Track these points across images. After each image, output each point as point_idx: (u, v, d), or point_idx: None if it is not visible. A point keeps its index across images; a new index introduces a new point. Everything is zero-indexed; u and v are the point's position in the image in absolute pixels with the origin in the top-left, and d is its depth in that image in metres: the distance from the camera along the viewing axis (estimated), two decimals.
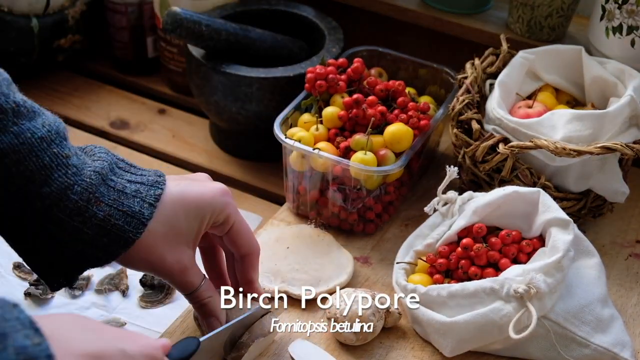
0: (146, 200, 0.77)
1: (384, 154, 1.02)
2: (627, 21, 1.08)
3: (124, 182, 0.77)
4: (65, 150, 0.75)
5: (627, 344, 0.89)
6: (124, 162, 0.80)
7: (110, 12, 1.35)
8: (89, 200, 0.74)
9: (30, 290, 0.99)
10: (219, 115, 1.19)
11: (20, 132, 0.72)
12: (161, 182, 0.79)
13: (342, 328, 0.89)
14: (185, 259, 0.80)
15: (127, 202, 0.76)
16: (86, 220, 0.74)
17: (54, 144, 0.74)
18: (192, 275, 0.81)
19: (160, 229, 0.78)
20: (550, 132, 1.00)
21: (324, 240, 1.03)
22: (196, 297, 0.82)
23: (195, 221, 0.80)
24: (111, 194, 0.76)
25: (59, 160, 0.74)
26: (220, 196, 0.81)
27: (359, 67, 1.10)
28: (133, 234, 0.76)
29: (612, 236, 1.09)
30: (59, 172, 0.73)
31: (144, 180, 0.79)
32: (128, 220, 0.76)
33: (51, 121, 0.75)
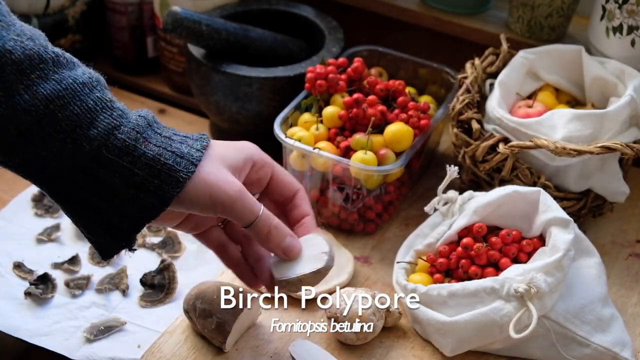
0: (194, 147, 0.77)
1: (384, 154, 1.02)
2: (627, 21, 1.08)
3: (169, 131, 0.78)
4: (108, 95, 0.75)
5: (627, 343, 0.89)
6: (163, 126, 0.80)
7: (110, 12, 1.35)
8: (137, 139, 0.74)
9: (30, 290, 0.99)
10: (219, 115, 1.18)
11: (62, 79, 0.72)
12: (205, 137, 0.80)
13: (342, 328, 0.89)
14: (240, 184, 0.78)
15: (175, 145, 0.76)
16: (136, 160, 0.74)
17: (95, 89, 0.74)
18: (252, 199, 0.79)
19: (211, 166, 0.77)
20: (550, 131, 1.00)
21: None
22: (260, 225, 0.79)
23: (241, 157, 0.80)
24: (158, 138, 0.76)
25: (103, 104, 0.74)
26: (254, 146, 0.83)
27: (359, 66, 1.10)
28: (184, 173, 0.75)
29: (612, 236, 1.09)
30: (104, 114, 0.74)
31: (188, 135, 0.79)
32: (178, 161, 0.75)
33: (91, 71, 0.76)
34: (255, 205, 0.79)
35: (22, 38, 0.72)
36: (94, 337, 0.94)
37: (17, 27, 0.73)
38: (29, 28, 0.74)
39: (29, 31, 0.73)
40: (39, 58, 0.71)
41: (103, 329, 0.95)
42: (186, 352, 0.90)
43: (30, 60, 0.71)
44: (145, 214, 0.75)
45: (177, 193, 0.75)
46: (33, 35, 0.73)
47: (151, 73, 1.40)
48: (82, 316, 0.97)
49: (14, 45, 0.70)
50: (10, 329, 0.95)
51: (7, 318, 0.96)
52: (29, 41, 0.72)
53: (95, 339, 0.94)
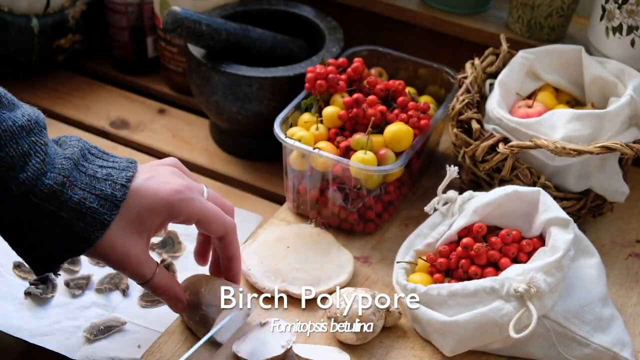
0: (118, 182, 0.80)
1: (384, 154, 1.02)
2: (627, 21, 1.08)
3: (95, 167, 0.80)
4: (44, 139, 0.78)
5: (627, 343, 0.89)
6: (96, 149, 0.83)
7: (110, 12, 1.35)
8: (63, 184, 0.77)
9: (30, 290, 0.99)
10: (219, 115, 1.18)
11: (2, 120, 0.75)
12: (132, 167, 0.82)
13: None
14: (137, 250, 0.82)
15: (99, 185, 0.79)
16: (62, 204, 0.77)
17: (32, 132, 0.77)
18: (143, 266, 0.83)
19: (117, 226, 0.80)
20: (550, 131, 1.00)
21: (324, 239, 1.03)
22: (152, 287, 0.85)
23: (153, 218, 0.82)
24: (83, 179, 0.79)
25: (37, 147, 0.77)
26: (175, 196, 0.83)
27: (359, 66, 1.10)
28: (108, 215, 0.78)
29: (612, 236, 1.09)
30: (36, 159, 0.76)
31: (115, 165, 0.82)
32: (102, 203, 0.78)
33: (30, 112, 0.78)
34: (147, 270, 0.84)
35: None
36: (94, 337, 0.95)
37: None
38: None
39: None
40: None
41: (103, 328, 0.95)
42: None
43: None
44: (68, 253, 0.79)
45: (101, 235, 0.79)
46: None
47: (151, 73, 1.40)
48: (82, 316, 0.97)
49: None
50: (10, 329, 0.95)
51: (7, 318, 0.96)
52: None
53: (95, 338, 0.95)
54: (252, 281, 0.97)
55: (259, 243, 1.02)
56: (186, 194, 0.83)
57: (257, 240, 1.02)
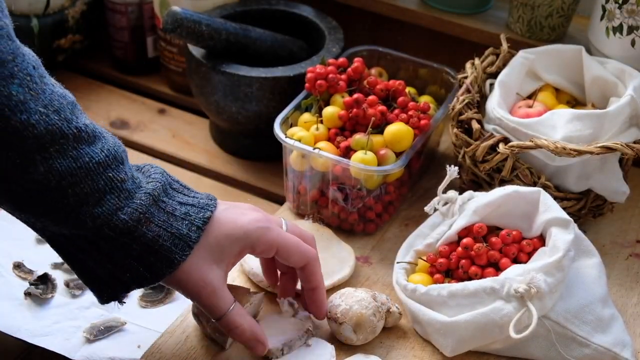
0: (194, 223, 0.80)
1: (384, 154, 1.02)
2: (627, 21, 1.08)
3: (175, 203, 0.80)
4: (121, 175, 0.77)
5: (627, 343, 0.89)
6: (178, 184, 0.83)
7: (110, 12, 1.35)
8: (139, 220, 0.77)
9: (30, 290, 0.99)
10: (219, 115, 1.18)
11: (79, 157, 0.74)
12: (211, 205, 0.82)
13: (343, 328, 0.89)
14: (215, 280, 0.81)
15: (176, 224, 0.79)
16: (135, 239, 0.77)
17: (109, 168, 0.76)
18: (220, 298, 0.82)
19: (199, 253, 0.80)
20: (550, 131, 1.00)
21: (324, 235, 1.03)
22: (225, 323, 0.83)
23: (231, 247, 0.82)
24: (161, 216, 0.79)
25: (113, 184, 0.76)
26: (253, 224, 0.83)
27: (359, 66, 1.10)
28: (179, 255, 0.78)
29: (612, 236, 1.09)
30: (111, 195, 0.76)
31: (195, 202, 0.81)
32: (175, 242, 0.78)
33: (110, 145, 0.77)
34: (223, 303, 0.82)
35: (48, 110, 0.73)
36: (94, 337, 0.94)
37: (46, 96, 0.74)
38: (58, 95, 0.75)
39: (57, 100, 0.74)
40: (61, 133, 0.73)
41: (103, 329, 0.95)
42: (186, 352, 0.90)
43: (51, 135, 0.73)
44: (137, 283, 0.80)
45: (169, 272, 0.79)
46: (60, 106, 0.74)
47: (151, 73, 1.40)
48: (82, 316, 0.97)
49: (38, 119, 0.72)
50: (10, 329, 0.95)
51: (7, 318, 0.96)
52: (55, 115, 0.73)
53: (95, 339, 0.94)
54: (257, 280, 0.97)
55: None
56: (265, 224, 0.84)
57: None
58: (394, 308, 0.92)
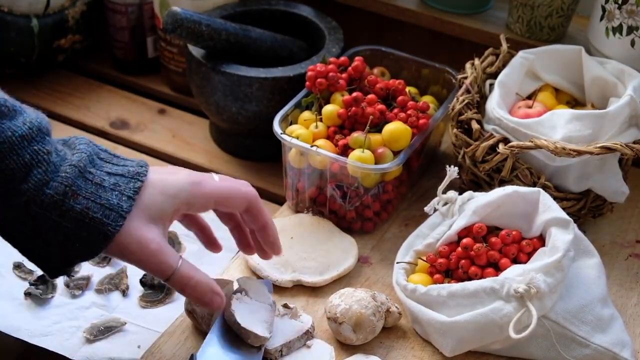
0: (124, 193, 0.77)
1: (382, 152, 1.02)
2: (627, 21, 1.08)
3: (103, 174, 0.78)
4: (47, 146, 0.75)
5: (627, 343, 0.89)
6: (106, 153, 0.80)
7: (110, 12, 1.35)
8: (65, 194, 0.74)
9: (30, 290, 0.99)
10: (219, 115, 1.19)
11: (1, 131, 0.73)
12: (142, 172, 0.79)
13: (342, 328, 0.89)
14: (157, 238, 0.79)
15: (105, 195, 0.76)
16: (64, 214, 0.75)
17: (34, 141, 0.74)
18: (166, 256, 0.79)
19: (136, 217, 0.78)
20: (550, 132, 1.00)
21: (325, 226, 1.04)
22: (176, 279, 0.80)
23: (166, 205, 0.80)
24: (89, 187, 0.76)
25: (39, 157, 0.74)
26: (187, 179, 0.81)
27: (360, 65, 1.10)
28: (112, 227, 0.76)
29: (612, 236, 1.09)
30: (38, 169, 0.74)
31: (125, 171, 0.79)
32: (106, 214, 0.76)
33: (32, 118, 0.75)
34: (169, 263, 0.79)
35: None
36: (94, 338, 0.95)
37: None
38: None
39: None
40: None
41: (103, 329, 0.95)
42: (186, 352, 0.90)
43: None
44: (73, 259, 0.78)
45: (105, 246, 0.76)
46: None
47: (151, 73, 1.40)
48: (82, 316, 0.97)
49: None
50: (10, 329, 0.95)
51: (7, 318, 0.96)
52: None
53: (95, 339, 0.95)
54: (264, 275, 0.97)
55: None
56: (197, 178, 0.82)
57: None
58: (394, 308, 0.92)
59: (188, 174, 0.83)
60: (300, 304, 0.96)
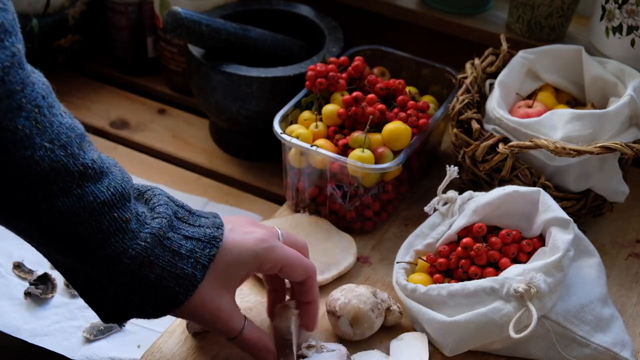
0: (200, 262, 0.77)
1: (382, 152, 1.02)
2: (627, 21, 1.08)
3: (181, 238, 0.77)
4: (127, 214, 0.74)
5: (627, 343, 0.89)
6: (183, 210, 0.80)
7: (110, 12, 1.35)
8: (142, 264, 0.74)
9: (30, 290, 0.99)
10: (219, 115, 1.19)
11: (83, 196, 0.71)
12: (218, 237, 0.79)
13: (340, 322, 0.89)
14: (227, 305, 0.80)
15: (180, 263, 0.76)
16: (138, 281, 0.75)
17: (114, 207, 0.73)
18: (234, 320, 0.81)
19: (208, 288, 0.78)
20: (550, 131, 1.00)
21: (322, 226, 1.04)
22: (240, 341, 0.82)
23: (237, 272, 0.81)
24: (166, 256, 0.76)
25: (117, 225, 0.73)
26: (260, 245, 0.81)
27: (360, 65, 1.10)
28: (183, 295, 0.77)
29: (612, 236, 1.08)
30: (115, 237, 0.73)
31: (201, 235, 0.78)
32: (180, 282, 0.76)
33: (118, 182, 0.74)
34: (237, 324, 0.81)
35: (54, 146, 0.69)
36: (94, 337, 0.95)
37: (53, 129, 0.69)
38: (66, 127, 0.71)
39: (64, 133, 0.70)
40: (65, 170, 0.69)
41: (103, 329, 0.95)
42: (186, 352, 0.90)
43: (55, 172, 0.69)
44: (138, 316, 0.78)
45: (172, 311, 0.78)
46: (67, 140, 0.70)
47: (151, 73, 1.40)
48: (81, 316, 0.97)
49: (42, 155, 0.68)
50: (10, 329, 0.95)
51: (7, 318, 0.96)
52: (60, 150, 0.69)
53: (95, 339, 0.95)
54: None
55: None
56: (270, 242, 0.82)
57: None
58: (395, 307, 0.92)
59: (260, 236, 0.82)
60: None
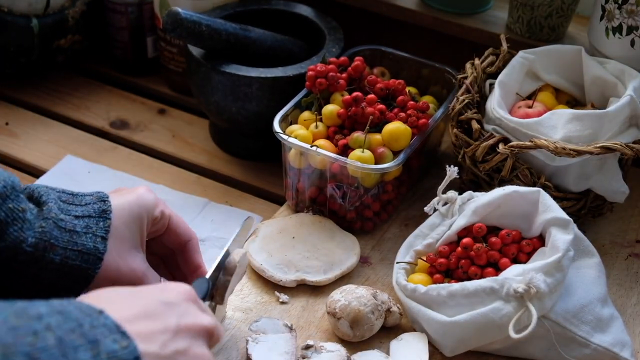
0: (97, 235, 0.79)
1: (382, 152, 1.02)
2: (627, 21, 1.08)
3: (72, 219, 0.78)
4: (22, 204, 0.76)
5: (627, 343, 0.89)
6: (65, 194, 0.81)
7: (110, 12, 1.35)
8: (44, 248, 0.75)
9: None
10: (219, 115, 1.19)
11: None
12: (107, 210, 0.80)
13: (340, 323, 0.89)
14: (139, 264, 0.81)
15: (80, 240, 0.78)
16: (44, 267, 0.76)
17: (8, 199, 0.75)
18: (149, 278, 0.82)
19: (114, 254, 0.79)
20: (550, 132, 1.00)
21: (326, 225, 1.04)
22: None
23: (136, 227, 0.82)
24: (64, 236, 0.77)
25: (14, 215, 0.75)
26: (147, 195, 0.83)
27: (360, 65, 1.10)
28: (92, 270, 0.78)
29: (612, 236, 1.09)
30: (14, 227, 0.74)
31: (91, 211, 0.80)
32: (85, 258, 0.77)
33: (5, 177, 0.76)
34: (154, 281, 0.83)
35: None
36: None
37: None
38: None
39: None
40: None
41: None
42: None
43: None
44: None
45: (86, 287, 0.78)
46: None
47: (151, 73, 1.40)
48: None
49: None
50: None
51: None
52: None
53: None
54: (268, 276, 0.98)
55: (261, 238, 1.02)
56: (154, 194, 0.84)
57: (260, 236, 1.03)
58: (395, 308, 0.92)
59: (144, 189, 0.84)
60: (301, 303, 0.96)
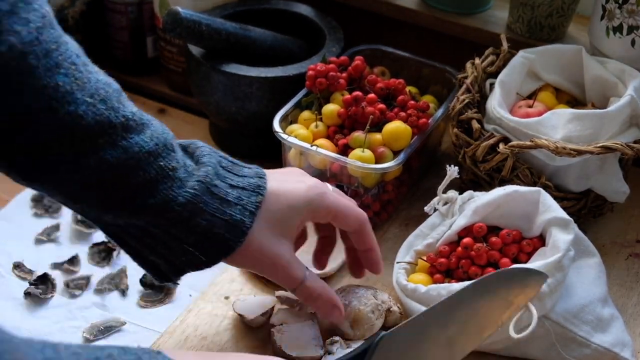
0: (247, 208, 0.79)
1: (382, 152, 1.02)
2: (627, 21, 1.08)
3: (227, 187, 0.79)
4: (173, 163, 0.76)
5: (627, 343, 0.89)
6: (227, 160, 0.82)
7: (110, 12, 1.35)
8: (192, 211, 0.76)
9: (30, 290, 0.99)
10: (219, 115, 1.18)
11: (129, 147, 0.73)
12: (262, 186, 0.80)
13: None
14: (286, 252, 0.81)
15: (229, 210, 0.78)
16: (189, 229, 0.76)
17: (160, 157, 0.75)
18: (294, 268, 0.81)
19: (261, 230, 0.79)
20: (550, 131, 1.00)
21: None
22: (302, 291, 0.82)
23: (293, 217, 0.81)
24: (214, 203, 0.77)
25: (165, 173, 0.75)
26: (312, 191, 0.82)
27: (360, 65, 1.10)
28: (234, 242, 0.78)
29: (612, 236, 1.08)
30: (164, 185, 0.75)
31: (246, 184, 0.80)
32: (229, 229, 0.77)
33: (159, 132, 0.77)
34: (299, 272, 0.82)
35: (94, 100, 0.72)
36: (94, 338, 0.94)
37: (92, 84, 0.72)
38: (103, 83, 0.74)
39: (102, 89, 0.73)
40: (109, 124, 0.72)
41: (103, 329, 0.95)
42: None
43: (100, 126, 0.71)
44: (191, 268, 0.80)
45: (224, 257, 0.79)
46: (106, 95, 0.73)
47: (151, 73, 1.40)
48: (81, 316, 0.97)
49: (85, 109, 0.71)
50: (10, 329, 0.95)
51: (6, 318, 0.96)
52: (101, 104, 0.72)
53: (94, 339, 0.94)
54: None
55: None
56: (322, 189, 0.83)
57: None
58: (395, 307, 0.92)
59: (312, 183, 0.84)
60: None
